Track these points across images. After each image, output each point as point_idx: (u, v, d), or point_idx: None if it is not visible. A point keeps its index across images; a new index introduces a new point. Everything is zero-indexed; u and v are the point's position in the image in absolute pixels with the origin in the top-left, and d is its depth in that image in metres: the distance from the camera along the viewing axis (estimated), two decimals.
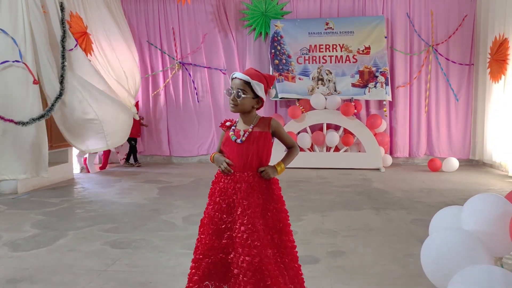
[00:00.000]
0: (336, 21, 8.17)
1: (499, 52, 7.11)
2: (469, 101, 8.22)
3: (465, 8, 8.08)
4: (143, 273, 2.93)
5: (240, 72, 2.22)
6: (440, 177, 6.85)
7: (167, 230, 3.95)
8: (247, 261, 2.05)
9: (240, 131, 2.23)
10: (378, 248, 3.41)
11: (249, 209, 2.14)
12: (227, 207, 2.20)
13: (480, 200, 2.26)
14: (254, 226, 2.11)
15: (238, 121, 2.30)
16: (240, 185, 2.18)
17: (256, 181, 2.20)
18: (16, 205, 5.07)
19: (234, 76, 2.21)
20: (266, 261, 2.07)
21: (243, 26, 8.51)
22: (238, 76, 2.19)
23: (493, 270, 1.78)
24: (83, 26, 6.95)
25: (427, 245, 2.13)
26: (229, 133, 2.26)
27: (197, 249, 2.25)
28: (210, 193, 2.32)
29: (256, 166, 2.21)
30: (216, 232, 2.19)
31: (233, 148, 2.22)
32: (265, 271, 2.05)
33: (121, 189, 6.03)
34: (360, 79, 7.95)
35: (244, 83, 2.17)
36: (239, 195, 2.17)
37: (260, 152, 2.22)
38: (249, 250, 2.06)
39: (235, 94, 2.17)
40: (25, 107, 5.58)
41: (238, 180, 2.19)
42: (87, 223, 4.21)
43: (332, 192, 5.62)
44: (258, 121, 2.25)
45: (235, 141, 2.21)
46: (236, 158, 2.21)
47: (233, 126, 2.28)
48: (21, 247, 3.50)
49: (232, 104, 2.19)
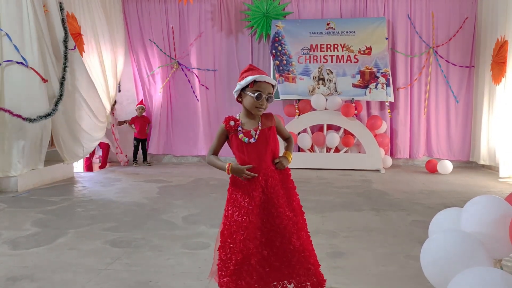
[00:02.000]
0: (338, 21, 8.18)
1: (499, 55, 7.12)
2: (469, 103, 8.23)
3: (466, 10, 8.09)
4: (143, 272, 2.93)
5: (265, 75, 2.21)
6: (439, 178, 6.85)
7: (167, 230, 3.95)
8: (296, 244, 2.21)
9: (250, 131, 2.23)
10: (377, 249, 3.41)
11: (280, 200, 2.24)
12: (254, 208, 2.19)
13: (480, 202, 2.26)
14: (286, 215, 2.22)
15: (243, 122, 2.27)
16: (265, 181, 2.22)
17: (276, 174, 2.26)
18: (16, 203, 5.07)
19: (263, 80, 2.19)
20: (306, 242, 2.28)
21: (245, 27, 8.52)
22: (267, 80, 2.20)
23: (492, 272, 1.78)
24: (77, 26, 6.95)
25: (427, 246, 2.13)
26: (239, 136, 2.23)
27: (231, 260, 2.15)
28: (231, 201, 2.25)
29: (270, 161, 2.27)
30: (248, 236, 2.16)
31: (248, 149, 2.22)
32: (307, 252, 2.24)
33: (121, 188, 6.03)
34: (361, 80, 7.95)
35: (272, 87, 2.23)
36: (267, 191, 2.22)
37: (273, 147, 2.27)
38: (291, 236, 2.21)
39: (266, 99, 2.20)
40: (33, 104, 5.66)
41: (263, 177, 2.22)
42: (87, 222, 4.21)
43: (332, 193, 5.62)
44: (261, 118, 2.28)
45: (248, 142, 2.22)
46: (253, 158, 2.22)
47: (239, 128, 2.25)
48: (21, 245, 3.50)
49: (262, 108, 2.21)
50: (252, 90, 2.18)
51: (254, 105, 2.19)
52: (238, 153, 2.25)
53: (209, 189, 5.97)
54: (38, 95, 5.75)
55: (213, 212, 4.58)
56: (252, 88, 2.19)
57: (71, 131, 6.56)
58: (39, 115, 5.69)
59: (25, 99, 5.60)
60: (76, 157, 6.77)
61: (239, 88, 2.24)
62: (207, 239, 3.64)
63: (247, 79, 2.19)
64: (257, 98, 2.17)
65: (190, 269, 2.98)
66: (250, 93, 2.19)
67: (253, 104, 2.19)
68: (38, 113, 5.69)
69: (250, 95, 2.19)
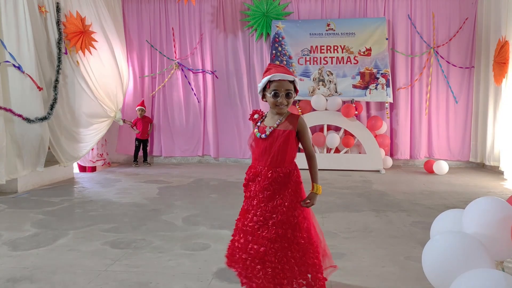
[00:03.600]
0: (338, 22, 8.17)
1: (500, 55, 7.11)
2: (469, 103, 8.23)
3: (466, 11, 8.09)
4: (143, 273, 2.93)
5: (281, 73, 2.26)
6: (440, 179, 6.85)
7: (167, 230, 3.94)
8: (254, 249, 2.22)
9: (266, 127, 2.31)
10: (378, 250, 3.40)
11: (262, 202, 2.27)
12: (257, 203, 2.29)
13: (481, 204, 2.26)
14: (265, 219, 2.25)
15: (267, 116, 2.37)
16: (260, 179, 2.29)
17: (275, 177, 2.28)
18: (16, 204, 5.06)
19: (277, 78, 2.25)
20: (270, 252, 2.21)
21: (245, 27, 8.51)
22: (282, 77, 2.25)
23: (494, 274, 1.77)
24: (80, 25, 6.85)
25: (429, 248, 2.12)
26: (254, 130, 2.36)
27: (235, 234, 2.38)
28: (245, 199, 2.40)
29: (279, 162, 2.29)
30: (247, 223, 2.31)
31: (258, 143, 2.32)
32: (267, 261, 2.20)
33: (121, 189, 6.02)
34: (361, 81, 7.95)
35: (289, 83, 2.27)
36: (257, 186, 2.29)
37: (283, 150, 2.29)
38: (257, 239, 2.22)
39: (284, 95, 2.25)
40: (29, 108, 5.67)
41: (260, 174, 2.30)
42: (87, 223, 4.20)
43: (332, 194, 5.61)
44: (286, 118, 2.33)
45: (260, 137, 2.30)
46: (261, 153, 2.30)
47: (260, 121, 2.38)
48: (21, 246, 3.49)
49: (283, 105, 2.27)
50: (269, 90, 2.28)
51: (273, 103, 2.28)
52: (252, 144, 2.37)
53: (209, 190, 5.97)
54: (33, 98, 5.74)
55: (213, 213, 4.57)
56: (269, 88, 2.29)
57: (66, 134, 6.52)
58: (36, 117, 5.72)
59: (21, 102, 5.58)
60: (73, 159, 6.74)
61: (260, 89, 2.35)
62: (207, 240, 3.63)
63: (263, 81, 2.30)
64: (274, 97, 2.26)
65: (190, 270, 2.98)
66: (268, 93, 2.29)
67: (273, 103, 2.29)
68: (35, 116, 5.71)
69: (268, 95, 2.29)
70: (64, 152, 6.45)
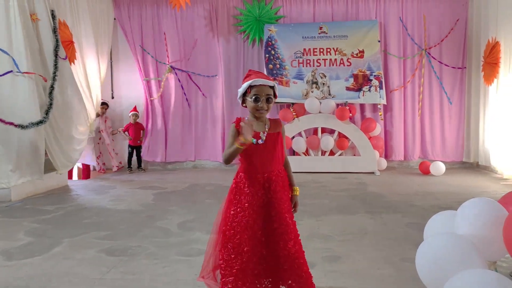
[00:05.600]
0: (330, 25, 8.22)
1: (491, 56, 7.18)
2: (461, 104, 8.30)
3: (457, 12, 8.17)
4: (139, 280, 2.92)
5: (261, 79, 2.27)
6: (434, 180, 6.88)
7: (163, 237, 3.93)
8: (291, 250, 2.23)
9: (259, 133, 2.30)
10: (373, 252, 3.41)
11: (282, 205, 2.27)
12: (258, 209, 2.26)
13: (473, 205, 2.28)
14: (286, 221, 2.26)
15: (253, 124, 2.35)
16: (268, 185, 2.28)
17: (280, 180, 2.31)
18: (10, 213, 5.03)
19: (258, 83, 2.25)
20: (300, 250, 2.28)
21: (237, 32, 8.53)
22: (263, 82, 2.26)
23: (487, 274, 1.79)
24: (70, 34, 6.89)
25: (422, 250, 2.14)
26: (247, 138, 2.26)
27: (236, 259, 2.21)
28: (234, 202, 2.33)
29: (276, 164, 2.32)
30: (252, 236, 2.24)
31: (256, 150, 2.29)
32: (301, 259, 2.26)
33: (115, 195, 6.00)
34: (354, 83, 7.99)
35: (269, 88, 2.28)
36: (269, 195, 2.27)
37: (278, 152, 2.32)
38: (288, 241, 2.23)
39: (265, 100, 2.26)
40: (24, 113, 5.64)
41: (266, 180, 2.28)
42: (82, 231, 4.18)
43: (327, 197, 5.63)
44: (269, 122, 2.35)
45: (256, 143, 2.27)
46: (258, 159, 2.29)
47: None
48: (15, 256, 3.47)
49: (263, 110, 2.27)
50: (250, 95, 2.28)
51: (254, 108, 2.28)
52: (244, 153, 2.28)
53: (205, 195, 5.96)
54: (29, 104, 5.71)
55: (208, 218, 4.56)
56: (250, 93, 2.28)
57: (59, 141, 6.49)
58: (31, 122, 5.67)
59: (16, 108, 5.56)
60: (67, 166, 6.72)
61: (240, 95, 2.34)
62: (202, 246, 3.62)
63: (243, 86, 2.29)
64: (255, 101, 2.26)
65: (186, 276, 2.97)
66: (249, 98, 2.29)
67: (254, 107, 2.28)
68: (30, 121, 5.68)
69: (249, 100, 2.29)
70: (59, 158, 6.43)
